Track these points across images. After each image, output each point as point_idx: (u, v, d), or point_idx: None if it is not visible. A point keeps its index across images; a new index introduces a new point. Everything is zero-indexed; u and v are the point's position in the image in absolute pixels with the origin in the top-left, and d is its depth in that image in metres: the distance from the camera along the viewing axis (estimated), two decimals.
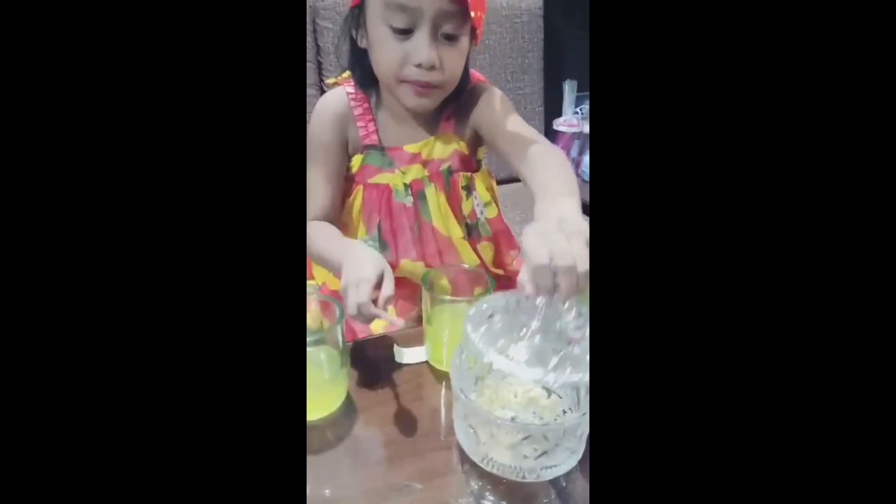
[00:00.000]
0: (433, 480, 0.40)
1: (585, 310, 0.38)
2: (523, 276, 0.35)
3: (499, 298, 0.42)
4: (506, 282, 0.73)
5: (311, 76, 1.15)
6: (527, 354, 0.37)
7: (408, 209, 0.65)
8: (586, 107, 1.46)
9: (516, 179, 0.55)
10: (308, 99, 1.14)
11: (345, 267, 0.50)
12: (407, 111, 0.61)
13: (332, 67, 1.14)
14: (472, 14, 0.52)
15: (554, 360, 0.35)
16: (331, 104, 0.63)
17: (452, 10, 0.51)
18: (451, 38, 0.54)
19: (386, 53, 0.54)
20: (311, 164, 0.62)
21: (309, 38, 1.13)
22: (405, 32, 0.52)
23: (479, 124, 0.63)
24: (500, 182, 0.75)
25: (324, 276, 0.70)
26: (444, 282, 0.55)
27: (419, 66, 0.53)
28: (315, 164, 0.62)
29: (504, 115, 0.60)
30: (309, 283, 0.71)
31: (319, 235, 0.59)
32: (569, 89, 1.46)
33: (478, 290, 0.53)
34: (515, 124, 0.59)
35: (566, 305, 0.36)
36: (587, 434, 0.39)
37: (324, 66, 1.16)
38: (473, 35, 0.56)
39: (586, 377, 0.34)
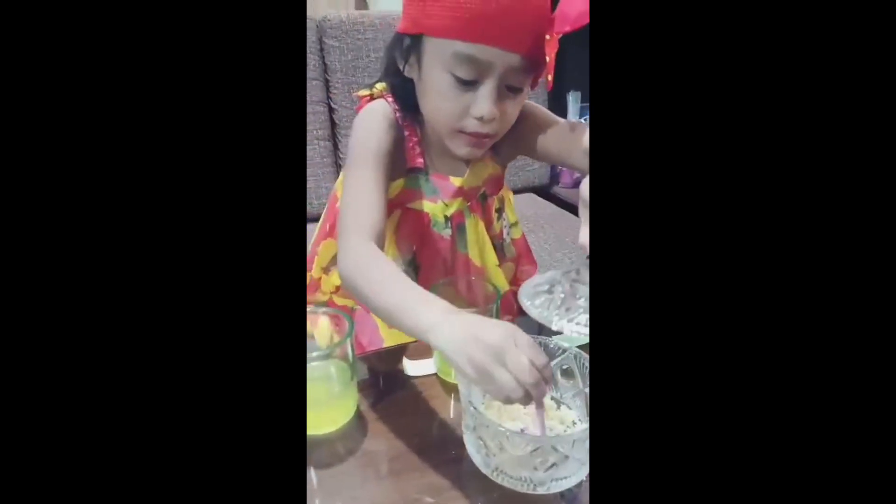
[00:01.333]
0: (443, 494, 0.40)
1: None
2: (585, 236, 0.32)
3: (553, 273, 0.39)
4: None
5: (317, 93, 1.17)
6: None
7: (444, 240, 0.63)
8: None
9: (521, 191, 0.55)
10: (315, 116, 1.16)
11: (449, 331, 0.37)
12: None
13: (340, 85, 1.16)
14: (549, 78, 0.47)
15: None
16: (381, 113, 0.56)
17: (524, 65, 0.48)
18: (514, 91, 0.50)
19: (445, 103, 0.50)
20: (359, 170, 0.52)
21: (316, 57, 1.16)
22: (469, 84, 0.48)
23: (526, 146, 0.59)
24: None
25: (330, 291, 0.70)
26: (452, 293, 0.55)
27: (479, 118, 0.49)
28: (365, 171, 0.52)
29: (547, 124, 0.57)
30: (316, 297, 0.71)
31: (384, 279, 0.44)
32: (573, 100, 1.47)
33: (486, 301, 0.53)
34: (558, 127, 0.57)
35: None
36: None
37: (331, 83, 1.18)
38: (534, 82, 0.53)
39: None
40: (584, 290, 0.36)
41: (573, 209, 1.33)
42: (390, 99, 0.57)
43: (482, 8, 0.43)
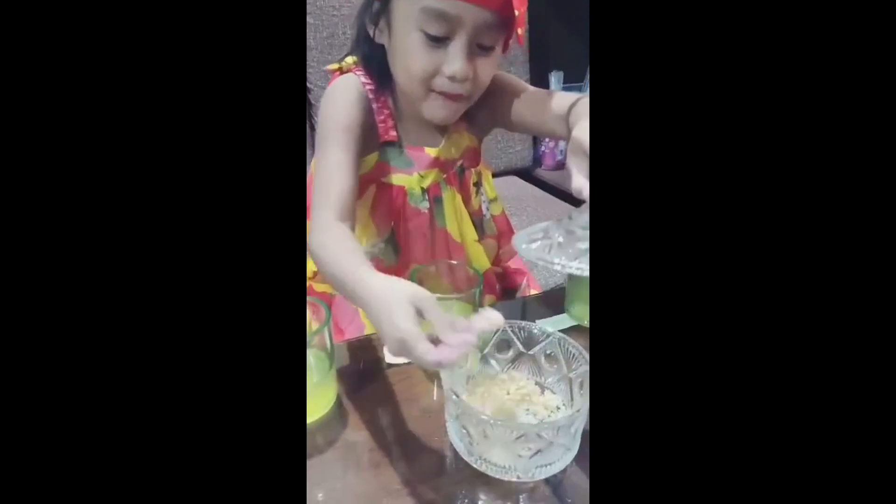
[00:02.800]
0: (426, 483, 0.40)
1: None
2: (579, 182, 0.36)
3: (546, 223, 0.40)
4: (500, 279, 0.72)
5: None
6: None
7: (422, 214, 0.61)
8: None
9: (504, 173, 0.55)
10: None
11: (378, 320, 0.38)
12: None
13: (315, 64, 1.12)
14: (518, 32, 0.48)
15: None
16: (348, 87, 0.55)
17: (493, 21, 0.47)
18: (485, 49, 0.50)
19: (416, 61, 0.49)
20: (328, 146, 0.52)
21: None
22: (440, 41, 0.48)
23: (502, 116, 0.59)
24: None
25: (308, 277, 0.68)
26: (433, 279, 0.54)
27: (452, 77, 0.49)
28: (334, 147, 0.52)
29: (522, 92, 0.58)
30: None
31: (337, 252, 0.46)
32: (555, 80, 1.45)
33: (467, 287, 0.52)
34: (532, 94, 0.58)
35: None
36: (581, 431, 0.39)
37: (307, 62, 1.14)
38: (505, 44, 0.53)
39: None
40: (582, 233, 0.36)
41: (556, 192, 1.32)
42: (360, 72, 0.56)
43: None
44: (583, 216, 0.38)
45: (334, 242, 0.47)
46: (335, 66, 0.59)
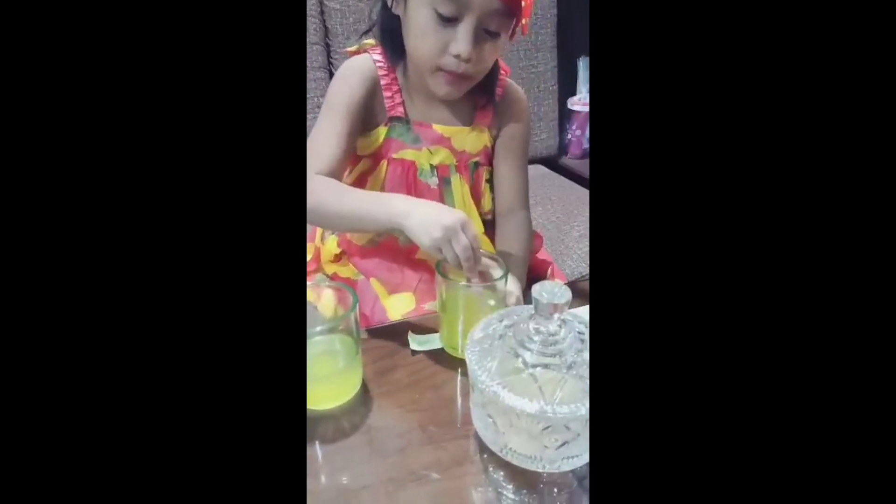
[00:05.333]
0: (451, 469, 0.40)
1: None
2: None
3: (493, 321, 0.43)
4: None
5: (318, 59, 1.12)
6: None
7: (432, 190, 0.64)
8: None
9: (529, 161, 0.57)
10: (316, 82, 1.12)
11: (418, 215, 0.47)
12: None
13: (342, 49, 1.12)
14: (524, 21, 0.52)
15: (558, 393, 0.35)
16: (359, 66, 0.60)
17: (501, 8, 0.51)
18: (491, 35, 0.53)
19: (426, 38, 0.53)
20: (327, 116, 0.58)
21: (317, 20, 1.11)
22: (449, 21, 0.51)
23: (503, 131, 0.66)
24: None
25: (334, 266, 0.69)
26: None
27: (457, 56, 0.53)
28: (332, 118, 0.58)
29: (518, 149, 0.67)
30: (318, 275, 0.70)
31: (343, 189, 0.54)
32: (583, 66, 1.42)
33: (494, 276, 0.51)
34: (518, 167, 0.67)
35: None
36: None
37: (332, 47, 1.14)
38: (512, 32, 0.56)
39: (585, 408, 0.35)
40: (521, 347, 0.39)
41: (582, 181, 1.29)
42: (377, 52, 0.61)
43: None
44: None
45: (335, 186, 0.53)
46: (354, 47, 0.63)
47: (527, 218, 0.69)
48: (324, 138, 0.57)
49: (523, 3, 0.50)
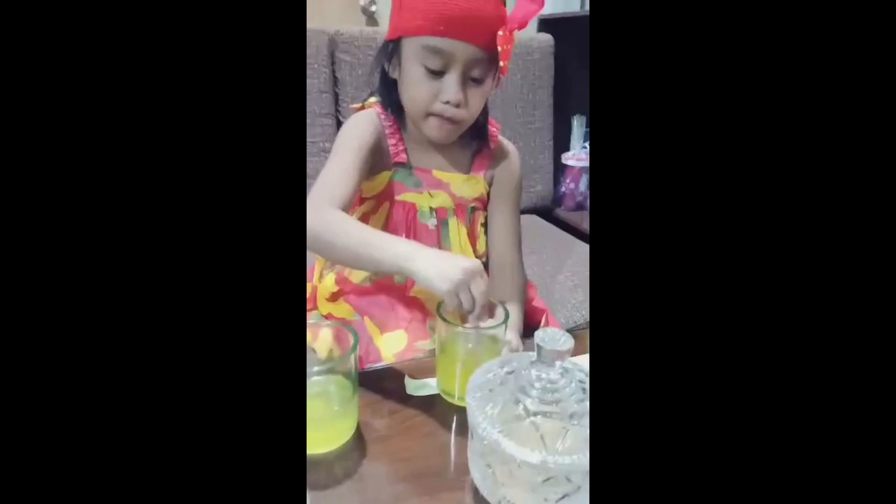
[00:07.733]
0: None
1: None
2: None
3: (493, 367, 0.43)
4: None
5: (327, 106, 1.16)
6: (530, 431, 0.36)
7: (431, 231, 0.67)
8: None
9: (523, 212, 0.58)
10: (322, 128, 1.16)
11: (427, 259, 0.47)
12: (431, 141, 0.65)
13: (349, 99, 1.16)
14: (501, 64, 0.57)
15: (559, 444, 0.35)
16: (366, 117, 0.66)
17: (482, 57, 0.58)
18: (477, 81, 0.60)
19: (419, 89, 0.59)
20: (339, 155, 0.61)
21: (327, 70, 1.16)
22: (438, 73, 0.58)
23: (496, 180, 0.71)
24: None
25: (329, 306, 0.69)
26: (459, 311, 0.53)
27: (447, 102, 0.59)
28: (344, 156, 0.61)
29: (510, 198, 0.71)
30: (314, 313, 0.70)
31: (347, 225, 0.54)
32: (577, 124, 1.49)
33: (495, 319, 0.51)
34: (511, 214, 0.71)
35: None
36: None
37: (340, 97, 1.18)
38: (496, 78, 0.62)
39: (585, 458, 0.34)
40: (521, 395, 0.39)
41: (575, 232, 1.32)
42: (379, 108, 0.67)
43: (446, 10, 0.55)
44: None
45: (343, 219, 0.54)
46: (359, 104, 0.69)
47: (520, 263, 0.71)
48: (337, 174, 0.60)
49: (500, 50, 0.57)
